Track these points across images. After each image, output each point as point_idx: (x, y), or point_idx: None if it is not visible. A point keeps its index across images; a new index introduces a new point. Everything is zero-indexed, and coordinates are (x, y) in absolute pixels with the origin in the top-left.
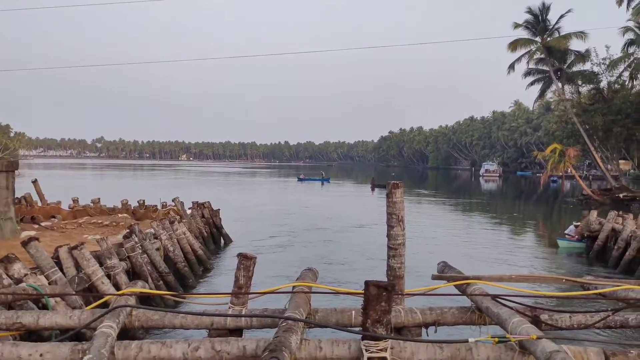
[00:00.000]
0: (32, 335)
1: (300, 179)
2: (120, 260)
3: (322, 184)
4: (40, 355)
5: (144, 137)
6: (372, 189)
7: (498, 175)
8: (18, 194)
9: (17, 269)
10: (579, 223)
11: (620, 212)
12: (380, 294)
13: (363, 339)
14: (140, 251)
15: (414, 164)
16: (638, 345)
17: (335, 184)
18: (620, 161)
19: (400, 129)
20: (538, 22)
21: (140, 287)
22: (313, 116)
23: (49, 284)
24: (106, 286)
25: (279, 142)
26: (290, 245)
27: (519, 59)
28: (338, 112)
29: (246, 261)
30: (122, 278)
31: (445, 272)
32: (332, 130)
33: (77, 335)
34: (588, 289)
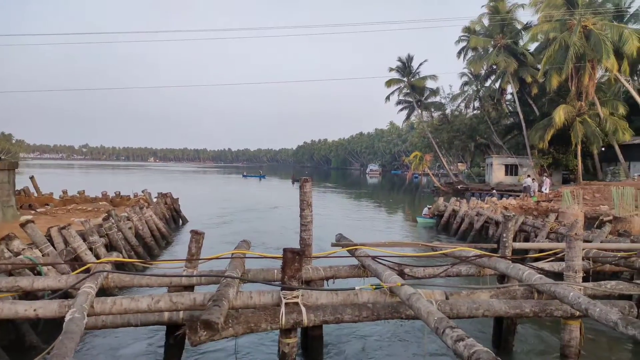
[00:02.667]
0: (29, 295)
1: (244, 176)
2: (100, 237)
3: (260, 179)
4: (34, 310)
5: (120, 144)
6: (292, 183)
7: (379, 173)
8: (18, 187)
9: (16, 244)
10: (431, 206)
11: (458, 199)
12: (294, 258)
13: (282, 289)
14: (116, 230)
15: (321, 166)
16: (467, 287)
17: (268, 179)
18: (459, 164)
19: (312, 140)
20: (405, 67)
21: (115, 257)
22: (249, 129)
23: (42, 256)
24: (88, 257)
25: (224, 149)
26: (232, 221)
27: (392, 93)
28: (268, 126)
29: (197, 236)
30: (102, 250)
31: (340, 240)
32: (263, 140)
33: (65, 294)
34: (436, 251)
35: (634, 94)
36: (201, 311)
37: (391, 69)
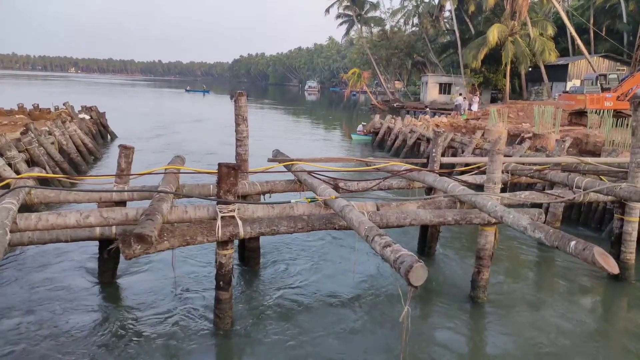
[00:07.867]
0: None
1: (187, 90)
2: (20, 152)
3: (204, 95)
4: None
5: (36, 52)
6: (231, 98)
7: (317, 90)
8: None
9: None
10: (365, 123)
11: (393, 116)
12: (230, 172)
13: (218, 204)
14: (37, 145)
15: (259, 81)
16: (396, 199)
17: (209, 94)
18: (396, 82)
19: (249, 54)
20: None
21: (37, 172)
22: (181, 39)
23: None
24: (8, 172)
25: (154, 60)
26: (166, 134)
27: (332, 5)
28: (201, 37)
29: (126, 150)
30: (22, 166)
31: (277, 156)
32: (196, 52)
33: None
34: (370, 166)
35: (563, 15)
36: (134, 226)
37: None
